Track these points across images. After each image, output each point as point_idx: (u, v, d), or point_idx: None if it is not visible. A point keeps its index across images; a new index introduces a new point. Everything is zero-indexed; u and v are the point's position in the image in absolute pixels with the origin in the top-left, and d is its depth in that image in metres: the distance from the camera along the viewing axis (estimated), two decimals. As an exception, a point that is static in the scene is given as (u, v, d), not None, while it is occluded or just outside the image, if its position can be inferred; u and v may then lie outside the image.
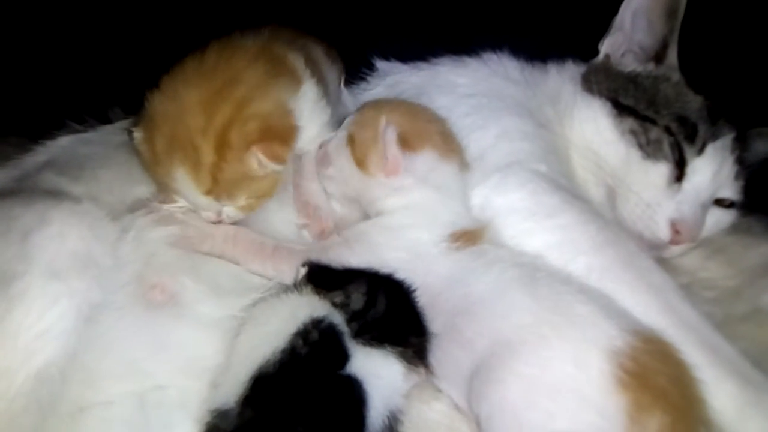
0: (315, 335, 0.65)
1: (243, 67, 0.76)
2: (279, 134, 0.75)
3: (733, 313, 0.84)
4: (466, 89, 0.97)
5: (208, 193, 0.74)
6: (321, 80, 0.85)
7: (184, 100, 0.73)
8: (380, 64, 1.08)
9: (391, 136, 0.78)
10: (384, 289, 0.70)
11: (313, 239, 0.82)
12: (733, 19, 1.14)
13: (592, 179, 0.93)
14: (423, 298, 0.72)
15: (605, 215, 0.90)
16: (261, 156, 0.73)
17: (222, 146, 0.72)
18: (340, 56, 1.05)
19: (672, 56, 0.96)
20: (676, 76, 0.95)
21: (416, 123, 0.83)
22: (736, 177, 0.92)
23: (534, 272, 0.73)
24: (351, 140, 0.81)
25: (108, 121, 1.15)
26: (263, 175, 0.75)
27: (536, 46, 1.25)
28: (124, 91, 1.22)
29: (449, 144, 0.84)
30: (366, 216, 0.83)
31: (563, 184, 0.85)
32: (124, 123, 0.94)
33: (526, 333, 0.66)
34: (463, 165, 0.85)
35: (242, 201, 0.76)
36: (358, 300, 0.69)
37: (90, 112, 1.16)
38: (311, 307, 0.68)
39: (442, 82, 1.00)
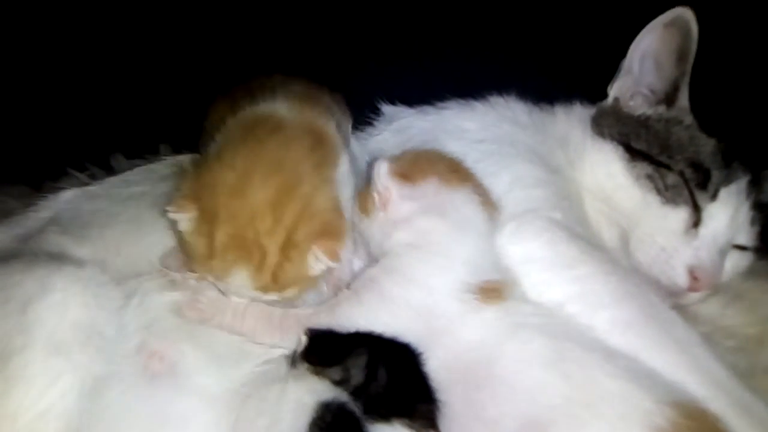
0: (329, 418, 0.63)
1: (301, 158, 0.74)
2: (336, 232, 0.73)
3: (757, 364, 0.82)
4: (476, 134, 0.96)
5: (261, 288, 0.71)
6: (346, 143, 0.84)
7: (252, 201, 0.70)
8: (385, 108, 1.06)
9: (382, 169, 0.76)
10: (385, 358, 0.67)
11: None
12: (744, 58, 1.13)
13: (604, 223, 0.92)
14: (437, 362, 0.68)
15: (621, 261, 0.89)
16: (321, 254, 0.71)
17: (288, 247, 0.70)
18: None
19: (683, 99, 0.95)
20: (688, 119, 0.94)
21: (419, 160, 0.80)
22: (752, 222, 0.91)
23: (561, 343, 0.69)
24: (357, 198, 0.80)
25: (110, 167, 1.16)
26: (318, 274, 0.73)
27: (540, 87, 1.26)
28: (124, 137, 1.22)
29: (459, 173, 0.80)
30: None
31: (579, 232, 0.83)
32: (128, 174, 0.92)
33: (557, 414, 0.63)
34: (485, 198, 0.80)
35: (290, 294, 0.73)
36: (357, 375, 0.66)
37: (91, 159, 1.16)
38: (314, 392, 0.65)
39: (451, 128, 0.98)
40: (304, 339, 0.69)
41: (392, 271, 0.74)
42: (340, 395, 0.65)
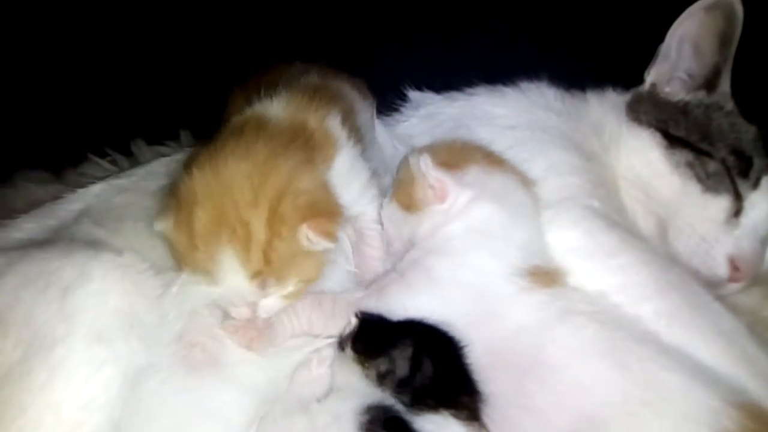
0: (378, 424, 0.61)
1: (281, 150, 0.71)
2: (327, 210, 0.70)
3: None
4: (507, 120, 0.93)
5: (257, 275, 0.67)
6: (356, 132, 0.81)
7: (228, 175, 0.67)
8: (412, 94, 1.04)
9: (426, 162, 0.73)
10: (430, 349, 0.66)
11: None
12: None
13: (641, 211, 0.89)
14: (484, 347, 0.66)
15: (660, 250, 0.87)
16: (311, 233, 0.67)
17: (275, 220, 0.66)
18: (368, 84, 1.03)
19: (725, 84, 0.92)
20: (729, 105, 0.92)
21: (453, 149, 0.79)
22: (794, 212, 0.88)
23: (614, 332, 0.67)
24: (396, 192, 0.77)
25: (130, 153, 1.14)
26: (313, 255, 0.69)
27: (568, 70, 1.24)
28: (145, 122, 1.21)
29: (493, 158, 0.80)
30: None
31: (618, 221, 0.81)
32: (154, 166, 0.90)
33: (615, 411, 0.60)
34: (524, 180, 0.80)
35: (291, 286, 0.69)
36: (403, 366, 0.64)
37: (112, 144, 1.14)
38: (361, 395, 0.64)
39: (480, 114, 0.96)
40: (354, 321, 0.68)
41: (444, 254, 0.72)
42: (383, 398, 0.63)
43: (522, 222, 0.75)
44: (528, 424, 0.63)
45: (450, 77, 1.17)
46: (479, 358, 0.67)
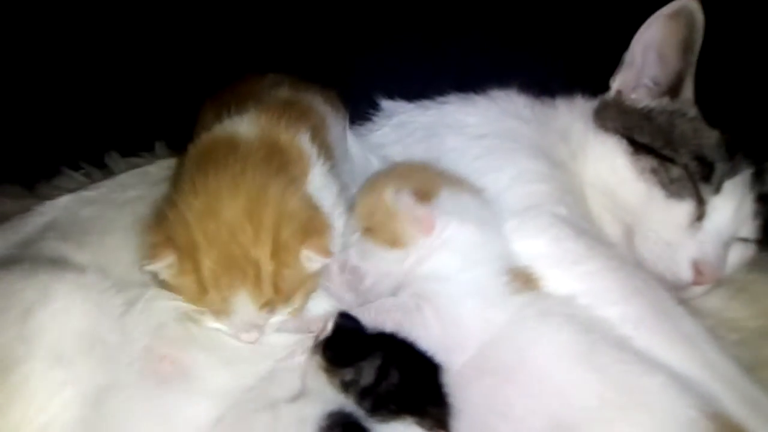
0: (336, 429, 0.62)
1: (262, 169, 0.72)
2: (319, 227, 0.71)
3: (760, 356, 0.82)
4: (477, 129, 0.95)
5: (267, 304, 0.69)
6: (327, 147, 0.82)
7: (226, 217, 0.67)
8: (385, 104, 1.05)
9: (407, 199, 0.75)
10: (399, 361, 0.67)
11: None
12: (747, 49, 1.13)
13: (608, 217, 0.91)
14: (470, 356, 0.68)
15: (626, 256, 0.89)
16: (312, 254, 0.69)
17: (278, 252, 0.68)
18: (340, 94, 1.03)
19: (688, 91, 0.94)
20: (692, 111, 0.94)
21: (416, 175, 0.80)
22: (755, 215, 0.90)
23: (590, 335, 0.69)
24: (369, 232, 0.78)
25: (104, 166, 1.14)
26: (314, 273, 0.72)
27: (539, 78, 1.25)
28: (119, 134, 1.20)
29: (451, 179, 0.81)
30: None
31: (585, 228, 0.83)
32: (124, 178, 0.90)
33: (592, 416, 0.62)
34: (481, 195, 0.82)
35: (296, 303, 0.71)
36: (369, 375, 0.66)
37: (86, 157, 1.14)
38: (327, 401, 0.65)
39: (452, 122, 0.97)
40: (329, 326, 0.69)
41: (440, 281, 0.73)
42: (346, 404, 0.64)
43: (494, 232, 0.77)
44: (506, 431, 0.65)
45: (424, 85, 1.19)
46: (464, 367, 0.69)
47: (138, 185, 0.87)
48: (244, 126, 0.77)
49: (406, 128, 1.00)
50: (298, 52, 1.23)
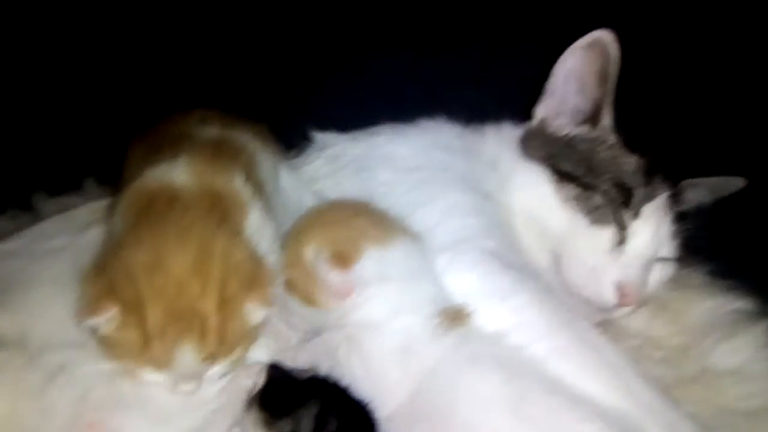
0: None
1: (205, 220, 0.72)
2: (262, 278, 0.72)
3: (682, 375, 0.87)
4: (408, 161, 0.96)
5: (209, 357, 0.68)
6: (259, 186, 0.82)
7: (174, 271, 0.67)
8: (317, 136, 1.05)
9: (323, 267, 0.75)
10: (336, 407, 0.68)
11: None
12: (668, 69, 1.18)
13: (536, 245, 0.94)
14: (403, 399, 0.69)
15: (554, 281, 0.92)
16: (255, 306, 0.70)
17: (223, 304, 0.68)
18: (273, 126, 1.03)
19: (606, 119, 0.97)
20: (611, 138, 0.97)
21: (342, 229, 0.79)
22: (674, 235, 0.95)
23: (521, 380, 0.70)
24: (291, 285, 0.78)
25: (31, 207, 1.11)
26: (256, 324, 0.72)
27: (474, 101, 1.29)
28: (46, 174, 1.17)
29: (386, 228, 0.81)
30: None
31: (513, 260, 0.85)
32: (46, 225, 0.87)
33: None
34: (412, 238, 0.82)
35: (238, 353, 0.71)
36: (307, 424, 0.66)
37: (10, 200, 1.11)
38: None
39: (383, 155, 0.98)
40: (262, 378, 0.69)
41: (364, 333, 0.74)
42: None
43: (424, 278, 0.78)
44: None
45: (358, 111, 1.21)
46: (398, 412, 0.70)
47: (63, 233, 0.84)
48: (180, 174, 0.77)
49: (339, 161, 1.00)
50: (231, 84, 1.23)
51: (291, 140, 1.07)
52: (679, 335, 0.92)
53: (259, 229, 0.78)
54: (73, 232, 0.84)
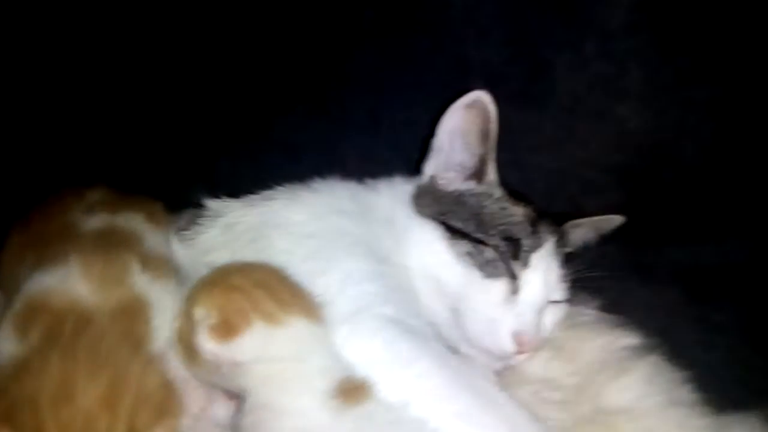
0: None
1: (119, 345, 0.70)
2: (172, 409, 0.70)
3: (579, 416, 0.90)
4: (303, 228, 0.96)
5: None
6: (158, 269, 0.81)
7: (82, 404, 0.64)
8: (211, 204, 1.04)
9: (203, 333, 0.73)
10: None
11: None
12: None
13: (435, 301, 0.96)
14: None
15: (453, 335, 0.94)
16: None
17: None
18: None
19: (491, 173, 1.02)
20: (497, 192, 1.01)
21: (238, 298, 0.77)
22: (562, 279, 1.00)
23: None
24: (177, 336, 0.77)
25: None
26: None
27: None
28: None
29: (284, 304, 0.79)
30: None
31: (413, 324, 0.87)
32: None
33: None
34: (310, 315, 0.81)
35: None
36: None
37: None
38: None
39: (279, 221, 0.98)
40: None
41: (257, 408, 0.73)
42: None
43: (315, 355, 0.77)
44: None
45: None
46: None
47: None
48: (80, 287, 0.73)
49: (234, 230, 0.99)
50: (119, 155, 1.20)
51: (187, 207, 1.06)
52: (575, 375, 0.96)
53: (160, 327, 0.76)
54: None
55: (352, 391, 0.75)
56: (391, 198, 1.05)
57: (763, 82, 1.26)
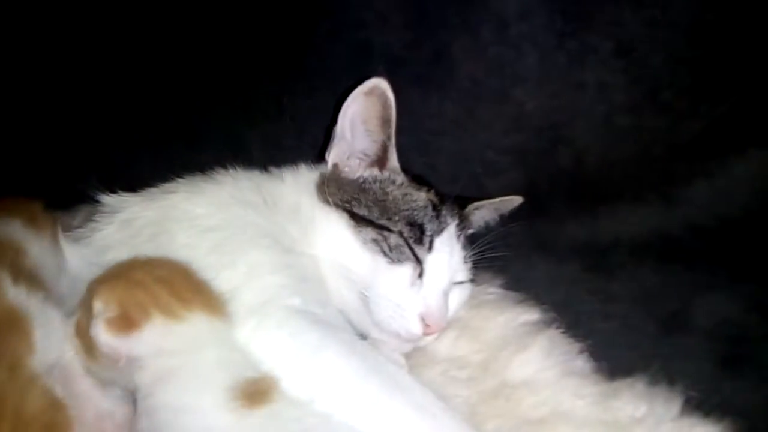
0: None
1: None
2: (61, 428, 0.66)
3: (485, 390, 0.94)
4: (206, 221, 0.93)
5: None
6: (37, 282, 0.76)
7: None
8: (106, 199, 0.99)
9: (100, 326, 0.71)
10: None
11: None
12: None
13: (344, 288, 0.97)
14: None
15: (363, 321, 0.96)
16: None
17: None
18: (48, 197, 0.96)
19: (393, 160, 1.03)
20: (399, 178, 1.03)
21: (139, 292, 0.76)
22: (465, 261, 1.03)
23: None
24: (77, 329, 0.74)
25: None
26: None
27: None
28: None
29: (185, 300, 0.78)
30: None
31: (320, 315, 0.87)
32: None
33: None
34: (211, 313, 0.79)
35: None
36: None
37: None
38: None
39: (180, 215, 0.94)
40: None
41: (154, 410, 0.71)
42: None
43: (214, 346, 0.76)
44: None
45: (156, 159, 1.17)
46: None
47: None
48: None
49: (133, 226, 0.95)
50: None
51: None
52: (480, 352, 1.00)
53: (46, 337, 0.72)
54: None
55: (255, 394, 0.74)
56: (295, 187, 1.04)
57: (650, 61, 1.33)
